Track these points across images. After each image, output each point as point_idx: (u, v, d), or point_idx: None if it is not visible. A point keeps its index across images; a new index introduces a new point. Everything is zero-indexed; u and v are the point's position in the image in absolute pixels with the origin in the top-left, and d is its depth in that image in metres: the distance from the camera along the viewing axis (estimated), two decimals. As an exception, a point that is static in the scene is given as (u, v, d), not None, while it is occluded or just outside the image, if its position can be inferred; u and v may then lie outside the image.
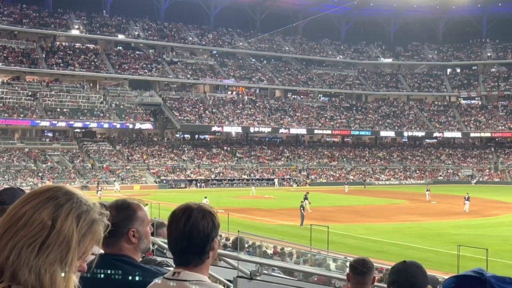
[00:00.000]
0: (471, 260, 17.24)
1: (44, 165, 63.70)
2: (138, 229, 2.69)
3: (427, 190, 52.61)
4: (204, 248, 2.19)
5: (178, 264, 2.23)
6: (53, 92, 72.03)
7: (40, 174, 61.04)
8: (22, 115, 66.13)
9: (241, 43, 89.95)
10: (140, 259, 4.52)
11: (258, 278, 5.60)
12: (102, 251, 2.87)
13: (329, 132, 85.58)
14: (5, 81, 71.79)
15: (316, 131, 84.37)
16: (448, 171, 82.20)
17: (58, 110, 69.14)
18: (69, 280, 1.44)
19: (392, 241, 28.36)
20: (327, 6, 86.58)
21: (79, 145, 70.44)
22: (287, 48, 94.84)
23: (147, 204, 24.43)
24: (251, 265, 6.76)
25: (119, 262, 2.62)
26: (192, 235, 2.16)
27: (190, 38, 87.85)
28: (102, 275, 2.62)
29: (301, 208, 34.38)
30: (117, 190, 57.05)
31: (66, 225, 1.41)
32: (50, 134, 71.95)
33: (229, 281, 5.62)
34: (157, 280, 2.33)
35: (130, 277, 2.60)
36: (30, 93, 69.98)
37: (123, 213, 2.67)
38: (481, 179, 78.66)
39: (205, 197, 39.11)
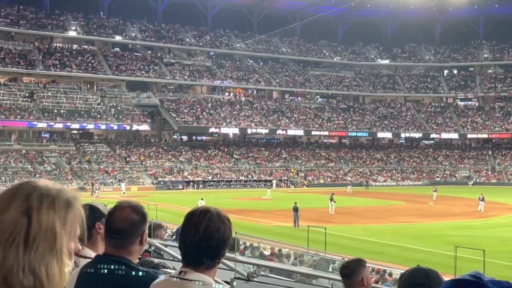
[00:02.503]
0: (468, 261, 17.51)
1: (41, 167, 63.55)
2: (146, 231, 2.76)
3: (434, 191, 52.76)
4: (219, 253, 2.24)
5: (189, 264, 2.24)
6: (50, 94, 71.88)
7: (37, 175, 60.78)
8: (19, 117, 65.97)
9: (238, 45, 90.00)
10: (137, 261, 4.49)
11: (255, 279, 5.58)
12: (94, 254, 3.03)
13: (326, 133, 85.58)
14: (1, 82, 71.64)
15: (313, 133, 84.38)
16: (445, 172, 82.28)
17: (55, 111, 69.03)
18: (62, 265, 1.43)
19: (389, 242, 28.46)
20: (324, 8, 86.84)
21: (76, 146, 70.30)
22: (284, 49, 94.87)
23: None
24: (247, 266, 6.76)
25: (120, 264, 2.64)
26: (212, 238, 2.20)
27: (187, 40, 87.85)
28: (104, 275, 2.65)
29: (294, 210, 34.48)
30: (123, 192, 56.69)
31: (42, 214, 1.39)
32: (47, 136, 71.81)
33: (226, 282, 5.58)
34: (162, 277, 2.37)
35: (132, 279, 2.62)
36: (27, 94, 69.84)
37: (140, 215, 2.73)
38: (478, 180, 78.68)
39: (202, 199, 39.08)
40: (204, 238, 2.19)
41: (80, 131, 73.46)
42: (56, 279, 1.40)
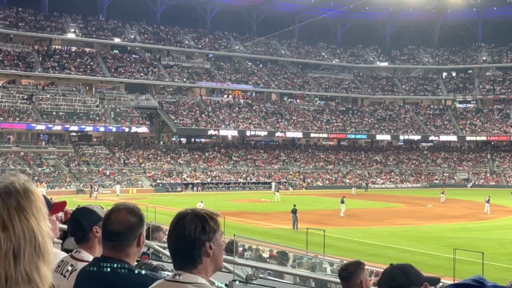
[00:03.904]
0: (467, 264, 17.95)
1: (39, 169, 63.59)
2: (143, 233, 2.77)
3: (442, 193, 53.04)
4: (192, 253, 2.20)
5: (175, 268, 2.26)
6: (48, 96, 72.00)
7: (35, 178, 60.84)
8: (17, 119, 66.05)
9: (237, 47, 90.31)
10: (135, 263, 4.47)
11: (254, 282, 5.59)
12: (91, 257, 3.06)
13: (325, 135, 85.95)
14: (0, 84, 71.88)
15: (312, 135, 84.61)
16: (444, 174, 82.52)
17: (54, 113, 69.11)
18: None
19: (387, 244, 28.58)
20: (323, 10, 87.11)
21: (75, 148, 70.37)
22: (283, 51, 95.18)
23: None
24: (245, 269, 6.76)
25: (121, 263, 2.66)
26: (179, 239, 2.19)
27: (186, 42, 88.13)
28: (107, 273, 2.66)
29: (293, 212, 34.51)
30: (117, 195, 56.83)
31: (16, 221, 1.38)
32: (45, 138, 71.78)
33: (226, 285, 5.62)
34: (158, 282, 2.36)
35: (133, 279, 2.63)
36: (25, 97, 69.99)
37: (136, 217, 2.72)
38: (477, 183, 78.98)
39: (201, 202, 39.16)
40: (173, 240, 2.21)
41: (79, 134, 73.45)
42: (48, 279, 1.40)
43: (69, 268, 3.16)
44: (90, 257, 3.15)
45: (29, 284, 1.36)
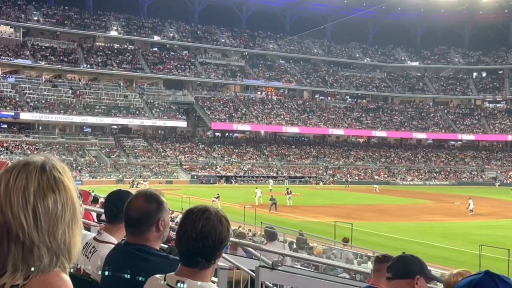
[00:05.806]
0: (492, 260, 18.23)
1: (82, 159, 66.10)
2: (164, 218, 2.80)
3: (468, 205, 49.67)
4: (215, 253, 2.18)
5: (184, 265, 2.21)
6: (92, 90, 74.78)
7: (78, 167, 63.46)
8: (62, 111, 68.67)
9: (271, 45, 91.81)
10: (167, 246, 5.47)
11: (279, 268, 5.67)
12: (113, 239, 3.29)
13: (355, 132, 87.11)
14: (47, 79, 74.79)
15: (341, 131, 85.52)
16: (472, 173, 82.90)
17: (97, 107, 71.91)
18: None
19: (415, 239, 28.75)
20: (355, 10, 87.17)
21: (115, 140, 72.83)
22: (315, 50, 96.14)
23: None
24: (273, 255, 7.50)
25: (139, 251, 2.74)
26: (208, 238, 2.14)
27: (222, 40, 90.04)
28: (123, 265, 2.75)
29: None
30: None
31: (62, 189, 1.49)
32: (88, 130, 74.52)
33: (252, 270, 5.87)
34: (157, 281, 2.33)
35: (151, 263, 2.70)
36: (70, 91, 72.74)
37: (154, 203, 2.77)
38: (505, 181, 79.20)
39: (218, 194, 40.78)
40: (201, 237, 2.13)
41: (119, 126, 75.83)
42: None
43: (91, 249, 3.29)
44: (111, 239, 3.29)
45: (64, 246, 1.46)
